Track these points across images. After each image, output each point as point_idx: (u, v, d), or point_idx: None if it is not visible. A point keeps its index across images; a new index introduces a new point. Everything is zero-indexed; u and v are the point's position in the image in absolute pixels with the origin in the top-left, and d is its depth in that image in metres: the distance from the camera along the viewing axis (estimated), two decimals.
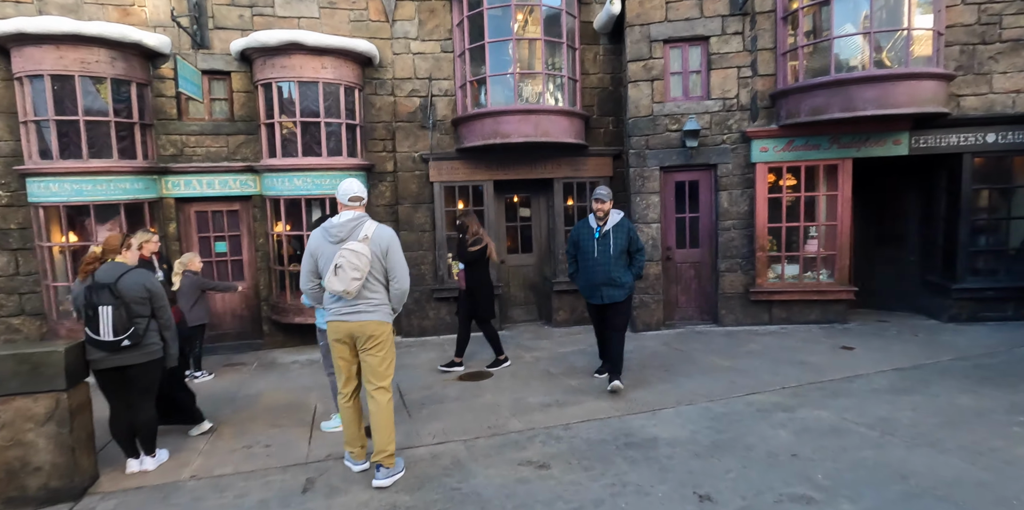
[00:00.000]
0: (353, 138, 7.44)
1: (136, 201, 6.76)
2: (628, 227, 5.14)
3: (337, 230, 3.57)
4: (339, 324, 3.61)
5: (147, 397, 3.99)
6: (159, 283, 3.99)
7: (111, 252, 3.90)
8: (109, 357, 3.76)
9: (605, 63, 8.18)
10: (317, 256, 3.57)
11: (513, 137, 7.14)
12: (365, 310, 3.63)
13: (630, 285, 5.17)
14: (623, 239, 5.09)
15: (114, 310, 3.67)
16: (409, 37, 7.77)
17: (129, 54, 6.57)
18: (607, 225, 5.12)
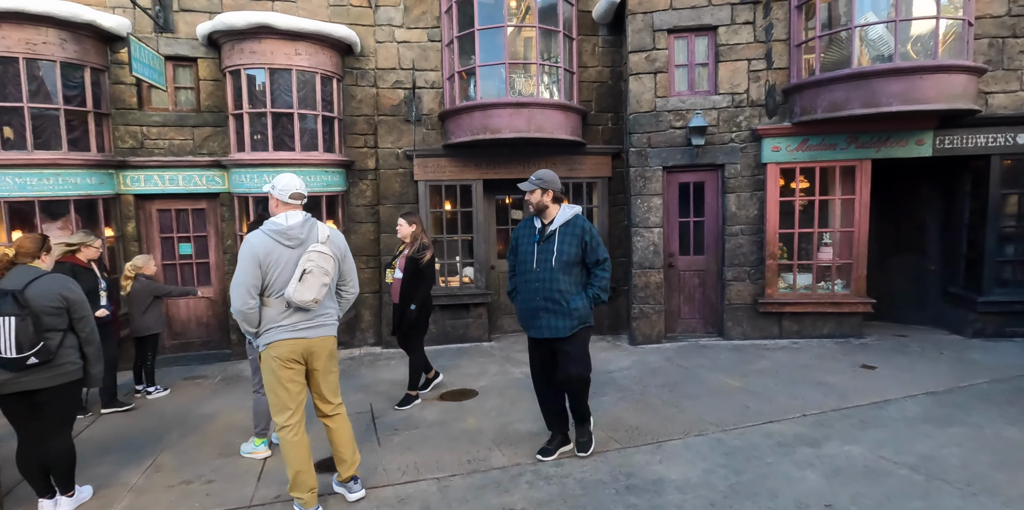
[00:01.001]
0: (330, 132, 6.85)
1: (88, 197, 6.14)
2: (582, 228, 3.57)
3: (296, 232, 3.05)
4: (296, 342, 3.07)
5: (62, 426, 3.37)
6: (79, 290, 3.37)
7: (25, 256, 3.28)
8: (14, 379, 3.14)
9: (604, 55, 7.62)
10: (269, 265, 2.99)
11: (504, 132, 6.56)
12: (325, 322, 3.19)
13: (582, 313, 3.56)
14: (573, 245, 3.53)
15: (18, 321, 3.06)
16: (393, 24, 7.20)
17: (82, 36, 5.96)
18: (552, 224, 3.60)
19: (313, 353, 3.12)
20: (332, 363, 3.27)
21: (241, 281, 2.97)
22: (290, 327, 3.05)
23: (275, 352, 3.05)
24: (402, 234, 4.93)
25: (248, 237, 3.04)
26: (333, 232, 3.21)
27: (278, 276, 3.00)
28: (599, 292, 3.60)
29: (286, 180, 3.11)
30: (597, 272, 3.61)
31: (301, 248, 3.04)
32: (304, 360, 3.12)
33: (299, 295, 2.97)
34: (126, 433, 4.71)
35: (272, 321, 3.05)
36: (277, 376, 3.06)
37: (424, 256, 4.85)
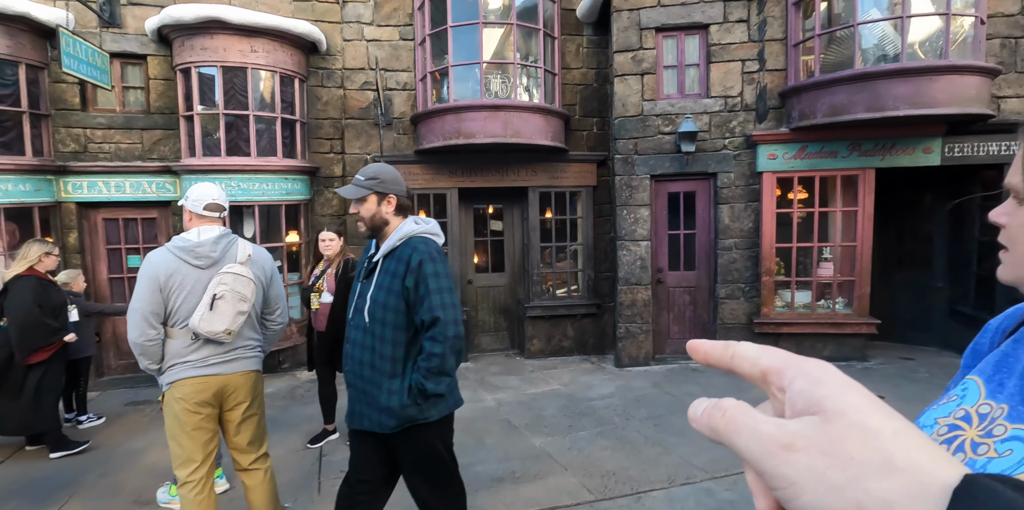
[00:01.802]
0: (291, 136, 6.33)
1: (21, 205, 5.61)
2: (410, 258, 2.17)
3: (207, 250, 2.54)
4: (206, 380, 2.57)
5: None
6: None
7: None
8: None
9: (589, 56, 7.14)
10: (171, 289, 2.47)
11: (478, 137, 6.06)
12: (244, 355, 2.69)
13: (406, 413, 2.18)
14: (393, 287, 2.19)
15: None
16: (363, 21, 6.71)
17: (15, 29, 5.45)
18: (380, 250, 2.27)
19: (229, 393, 2.61)
20: (255, 404, 2.75)
21: (136, 308, 2.44)
22: (199, 362, 2.54)
23: (179, 393, 2.53)
24: (332, 251, 4.23)
25: (149, 255, 2.53)
26: (257, 251, 2.73)
27: (183, 301, 2.49)
28: (423, 381, 2.09)
29: (200, 189, 2.63)
30: (426, 343, 2.11)
31: (213, 269, 2.54)
32: (217, 401, 2.60)
33: (207, 325, 2.46)
34: (38, 474, 4.14)
35: (177, 356, 2.53)
36: (181, 422, 2.53)
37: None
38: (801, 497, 0.28)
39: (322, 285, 4.17)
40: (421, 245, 2.20)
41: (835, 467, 0.28)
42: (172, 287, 2.47)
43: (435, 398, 2.17)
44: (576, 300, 7.15)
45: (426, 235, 2.26)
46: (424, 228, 2.27)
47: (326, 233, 4.21)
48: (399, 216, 2.30)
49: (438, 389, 2.12)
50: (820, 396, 0.30)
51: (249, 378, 2.69)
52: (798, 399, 0.31)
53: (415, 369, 2.15)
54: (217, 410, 2.62)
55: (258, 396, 2.76)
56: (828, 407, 0.29)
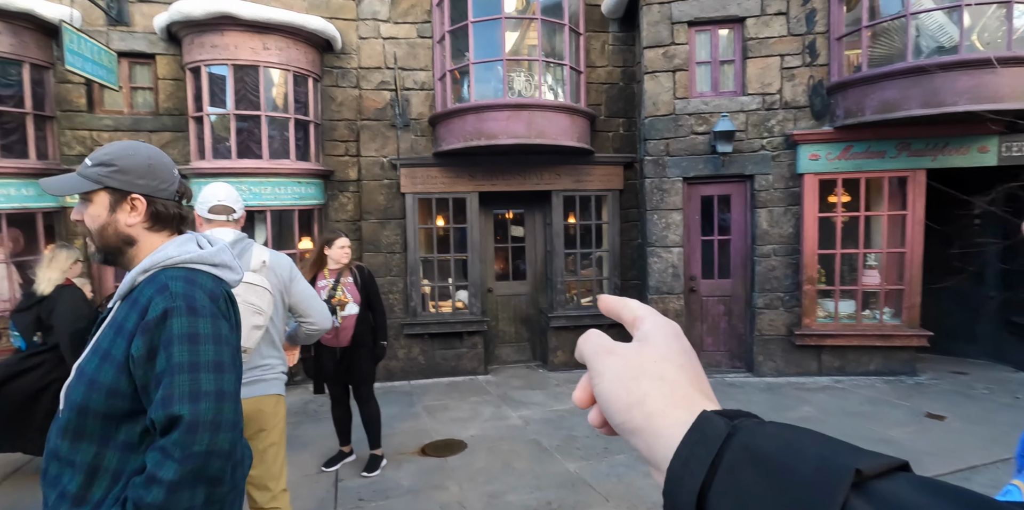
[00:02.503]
0: (305, 138, 6.05)
1: (25, 210, 5.36)
2: (167, 308, 1.17)
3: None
4: None
5: None
6: None
7: None
8: None
9: (615, 54, 6.81)
10: None
11: (500, 138, 5.74)
12: (263, 377, 2.36)
13: None
14: (116, 351, 1.18)
15: None
16: (379, 18, 6.43)
17: (19, 27, 5.22)
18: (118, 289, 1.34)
19: (249, 418, 2.27)
20: (275, 433, 2.39)
21: None
22: None
23: None
24: (346, 259, 3.83)
25: None
26: (274, 257, 2.41)
27: None
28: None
29: (207, 190, 2.34)
30: (149, 458, 1.10)
31: None
32: None
33: None
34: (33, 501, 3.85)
35: None
36: None
37: (372, 275, 3.99)
38: (601, 384, 0.42)
39: (345, 296, 3.81)
40: (176, 284, 1.23)
41: (628, 367, 0.42)
42: None
43: None
44: None
45: (195, 266, 1.30)
46: (195, 255, 1.30)
47: (345, 240, 3.86)
48: (157, 232, 1.35)
49: None
50: (647, 330, 0.45)
51: (269, 403, 2.35)
52: (639, 333, 0.46)
53: (120, 500, 1.13)
54: None
55: (279, 424, 2.41)
56: (648, 338, 0.44)
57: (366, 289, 3.85)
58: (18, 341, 3.74)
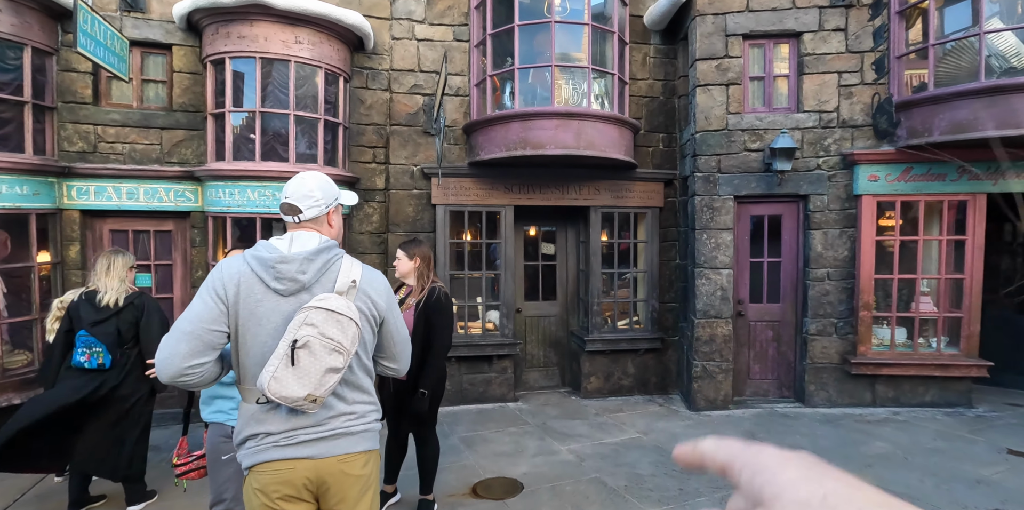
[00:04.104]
0: (333, 141, 5.58)
1: (17, 211, 4.74)
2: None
3: (294, 269, 1.70)
4: (294, 465, 1.69)
5: None
6: None
7: None
8: None
9: (656, 67, 6.55)
10: (239, 313, 1.67)
11: (548, 148, 5.37)
12: (349, 429, 1.78)
13: None
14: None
15: None
16: (414, 18, 6.05)
17: (23, 6, 4.67)
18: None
19: (328, 483, 1.74)
20: (367, 498, 1.84)
21: (187, 330, 1.61)
22: (281, 439, 1.69)
23: (258, 482, 1.70)
24: (401, 272, 3.39)
25: (220, 263, 1.76)
26: (368, 274, 1.85)
27: (257, 344, 1.68)
28: None
29: (286, 185, 1.82)
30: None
31: (300, 297, 1.71)
32: (311, 495, 1.75)
33: (279, 387, 1.59)
34: None
35: (256, 424, 1.70)
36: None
37: (442, 304, 3.36)
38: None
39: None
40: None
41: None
42: (241, 316, 1.67)
43: None
44: (639, 333, 6.38)
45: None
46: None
47: (399, 250, 3.37)
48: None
49: None
50: (759, 486, 0.33)
51: (357, 464, 1.78)
52: (747, 491, 0.35)
53: None
54: (314, 505, 1.78)
55: (371, 486, 1.86)
56: (767, 495, 0.33)
57: (427, 318, 3.26)
58: (98, 358, 3.28)
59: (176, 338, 1.59)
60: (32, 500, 3.78)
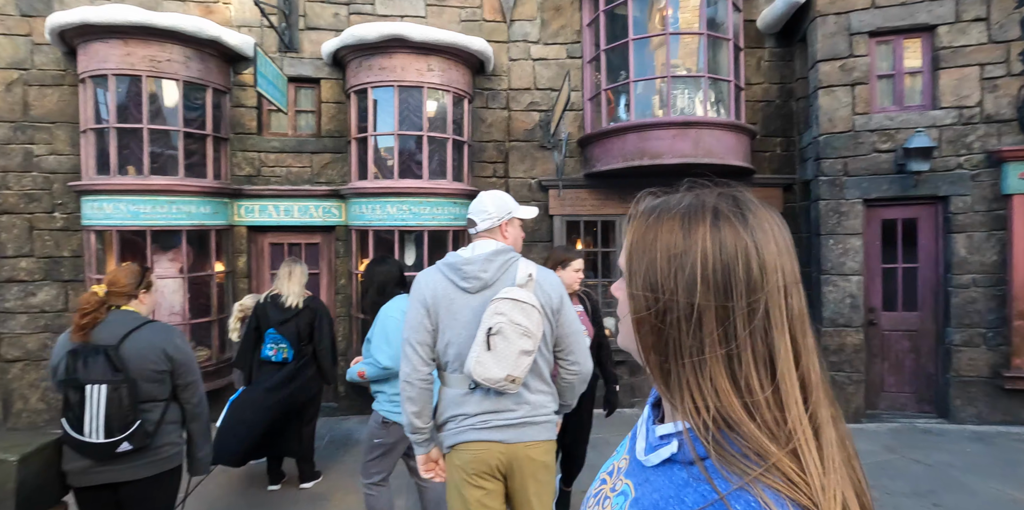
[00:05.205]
0: (459, 158, 6.03)
1: (201, 227, 5.57)
2: None
3: (476, 269, 2.01)
4: (488, 447, 1.98)
5: None
6: (187, 346, 2.51)
7: (119, 295, 2.45)
8: (96, 468, 2.28)
9: (771, 70, 6.46)
10: (439, 315, 2.00)
11: (666, 157, 5.48)
12: (534, 419, 2.04)
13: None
14: None
15: (110, 392, 2.21)
16: (529, 40, 6.40)
17: (206, 54, 5.52)
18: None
19: (515, 466, 2.01)
20: (545, 483, 2.08)
21: (406, 336, 2.00)
22: (476, 423, 1.99)
23: (459, 459, 2.00)
24: (578, 284, 3.39)
25: (419, 274, 2.07)
26: (542, 272, 2.11)
27: (454, 336, 1.99)
28: None
29: (484, 201, 2.15)
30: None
31: (485, 294, 2.00)
32: (502, 475, 2.03)
33: (483, 370, 1.89)
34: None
35: (455, 407, 2.01)
36: (463, 498, 2.00)
37: (599, 307, 3.59)
38: None
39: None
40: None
41: None
42: (440, 313, 2.00)
43: None
44: None
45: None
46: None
47: (581, 261, 3.36)
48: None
49: None
50: None
51: (538, 450, 2.03)
52: None
53: None
54: (503, 485, 2.06)
55: (551, 471, 2.10)
56: None
57: (596, 319, 3.42)
58: (283, 353, 3.88)
59: (404, 343, 2.00)
60: (234, 478, 4.41)
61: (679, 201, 0.68)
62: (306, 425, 4.12)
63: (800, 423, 0.57)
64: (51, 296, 5.82)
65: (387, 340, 2.81)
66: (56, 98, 5.70)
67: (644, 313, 0.64)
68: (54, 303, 5.83)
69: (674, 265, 0.62)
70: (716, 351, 0.59)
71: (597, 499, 0.74)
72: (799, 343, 0.60)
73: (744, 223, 0.62)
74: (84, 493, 2.33)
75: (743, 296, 0.59)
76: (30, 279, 5.78)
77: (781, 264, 0.61)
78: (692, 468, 0.60)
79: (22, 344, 5.81)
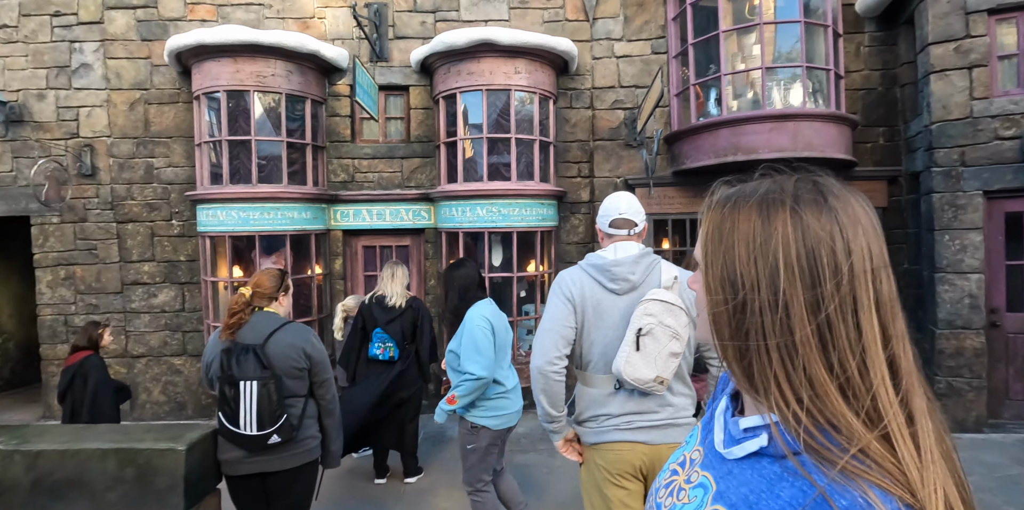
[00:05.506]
0: (545, 159, 6.06)
1: (303, 232, 5.88)
2: None
3: (625, 271, 2.02)
4: (633, 447, 2.00)
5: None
6: (321, 345, 2.67)
7: (263, 297, 2.63)
8: (249, 459, 2.46)
9: (872, 56, 6.09)
10: (586, 314, 2.03)
11: (761, 152, 5.28)
12: (676, 421, 2.04)
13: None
14: None
15: (260, 388, 2.38)
16: (612, 37, 6.34)
17: (305, 67, 5.81)
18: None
19: (657, 467, 2.01)
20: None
21: (547, 328, 2.03)
22: (622, 422, 2.00)
23: (603, 459, 2.02)
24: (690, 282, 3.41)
25: (561, 273, 2.13)
26: (684, 274, 2.10)
27: (600, 336, 2.01)
28: None
29: (609, 203, 2.18)
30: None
31: (632, 296, 2.02)
32: (643, 476, 2.04)
33: (633, 370, 1.89)
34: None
35: (597, 406, 2.03)
36: (604, 496, 2.01)
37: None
38: None
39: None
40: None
41: None
42: (587, 314, 2.02)
43: None
44: None
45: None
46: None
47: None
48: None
49: None
50: None
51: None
52: None
53: None
54: (643, 486, 2.06)
55: None
56: None
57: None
58: (390, 351, 4.06)
59: (543, 335, 2.00)
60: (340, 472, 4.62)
61: (755, 188, 0.66)
62: (409, 421, 4.27)
63: (891, 409, 0.55)
64: (170, 297, 6.31)
65: (478, 350, 2.84)
66: (172, 115, 6.18)
67: (723, 306, 0.63)
68: (173, 304, 6.32)
69: (754, 254, 0.61)
70: (808, 340, 0.57)
71: (669, 490, 0.74)
72: (888, 328, 0.58)
73: (826, 207, 0.60)
74: (237, 481, 2.52)
75: (829, 281, 0.57)
76: (152, 282, 6.29)
77: (868, 247, 0.59)
78: (785, 462, 0.59)
79: (146, 341, 6.34)
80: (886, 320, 0.58)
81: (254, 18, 6.12)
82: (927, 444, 0.55)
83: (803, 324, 0.58)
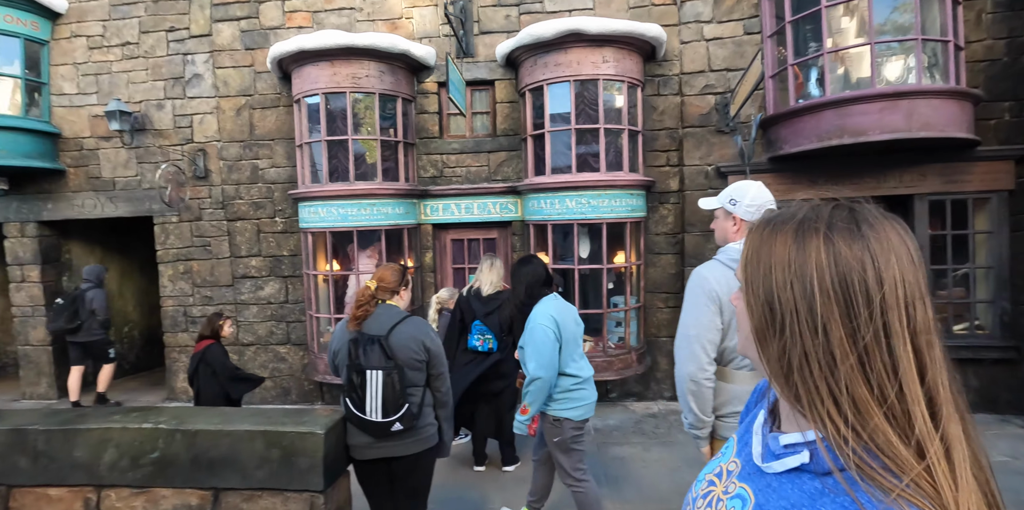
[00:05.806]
0: (634, 149, 5.95)
1: (396, 227, 6.09)
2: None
3: None
4: None
5: (417, 501, 2.76)
6: (438, 338, 2.78)
7: (385, 291, 2.76)
8: (376, 444, 2.60)
9: (995, 24, 5.56)
10: (731, 313, 2.00)
11: (871, 134, 4.95)
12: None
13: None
14: None
15: (385, 377, 2.51)
16: (701, 20, 6.11)
17: (396, 67, 5.98)
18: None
19: None
20: None
21: (692, 334, 1.98)
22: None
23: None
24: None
25: (699, 269, 2.07)
26: None
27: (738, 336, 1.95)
28: None
29: (753, 191, 2.09)
30: None
31: None
32: None
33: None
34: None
35: (739, 403, 2.00)
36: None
37: None
38: None
39: None
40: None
41: None
42: (725, 309, 1.98)
43: None
44: (982, 340, 5.49)
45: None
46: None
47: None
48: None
49: None
50: None
51: None
52: None
53: None
54: None
55: None
56: None
57: None
58: (488, 343, 4.18)
59: (690, 342, 1.97)
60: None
61: (793, 214, 0.68)
62: (507, 411, 4.36)
63: (929, 438, 0.57)
64: (275, 290, 6.72)
65: (537, 350, 2.87)
66: (274, 118, 6.54)
67: (764, 325, 0.66)
68: (277, 296, 6.73)
69: (790, 278, 0.63)
70: (848, 360, 0.59)
71: (707, 500, 0.76)
72: (924, 356, 0.59)
73: (859, 235, 0.62)
74: (364, 465, 2.66)
75: (863, 308, 0.59)
76: (259, 275, 6.72)
77: (902, 276, 0.60)
78: (827, 479, 0.61)
79: (254, 330, 6.79)
80: (921, 348, 0.59)
81: (346, 22, 6.36)
82: (962, 470, 0.56)
83: (843, 348, 0.59)
